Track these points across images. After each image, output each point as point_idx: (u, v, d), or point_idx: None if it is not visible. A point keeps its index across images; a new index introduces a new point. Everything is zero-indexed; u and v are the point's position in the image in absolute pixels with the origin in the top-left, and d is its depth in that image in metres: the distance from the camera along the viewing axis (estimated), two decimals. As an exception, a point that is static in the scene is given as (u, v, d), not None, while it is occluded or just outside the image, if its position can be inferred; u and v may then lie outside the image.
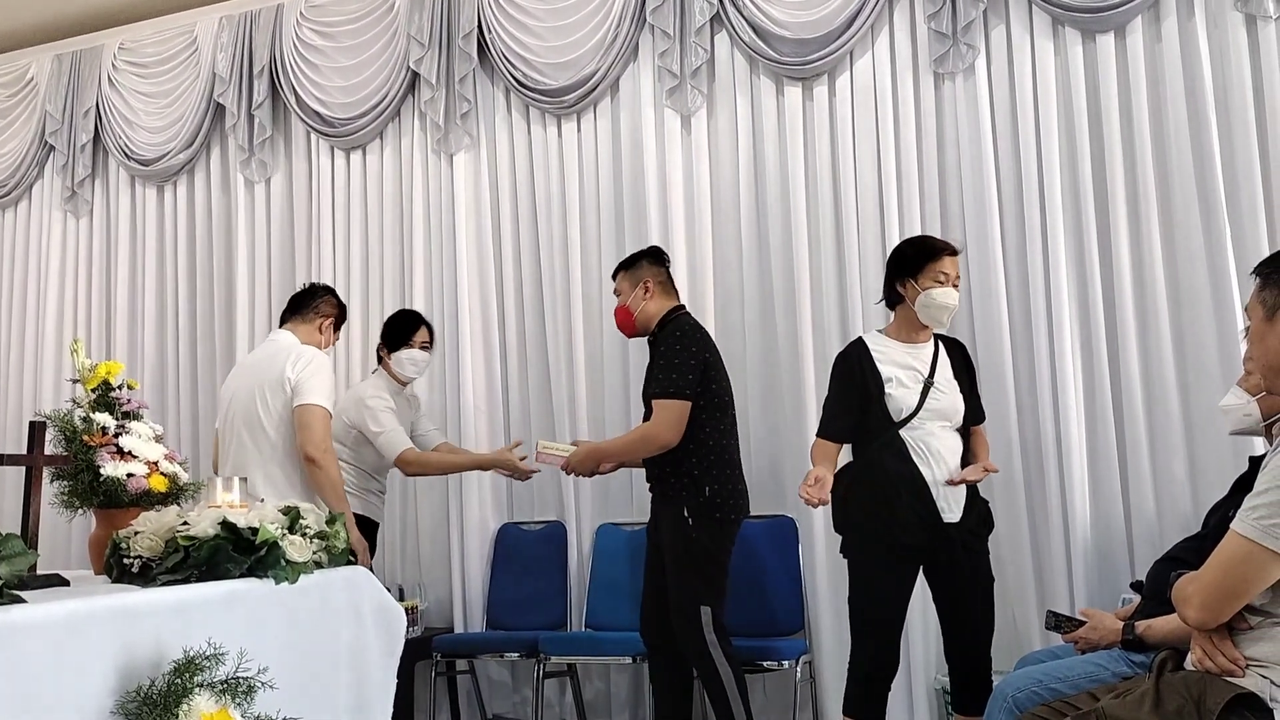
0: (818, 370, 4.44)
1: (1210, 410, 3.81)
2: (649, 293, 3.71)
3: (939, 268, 3.29)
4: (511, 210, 5.13)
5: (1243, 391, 2.75)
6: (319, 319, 4.07)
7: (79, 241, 6.05)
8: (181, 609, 2.06)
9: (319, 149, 5.51)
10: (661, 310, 3.71)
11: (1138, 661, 2.49)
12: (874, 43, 4.55)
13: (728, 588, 3.54)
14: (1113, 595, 3.89)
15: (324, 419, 3.72)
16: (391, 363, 4.37)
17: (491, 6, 5.10)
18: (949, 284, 3.29)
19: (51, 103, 6.05)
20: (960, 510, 3.23)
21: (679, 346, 3.54)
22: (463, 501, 4.95)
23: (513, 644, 4.52)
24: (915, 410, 3.25)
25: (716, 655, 3.41)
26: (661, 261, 3.79)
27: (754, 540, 4.29)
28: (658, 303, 3.72)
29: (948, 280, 3.29)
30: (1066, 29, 4.27)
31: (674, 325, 3.63)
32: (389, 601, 2.67)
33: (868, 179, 4.50)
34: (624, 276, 3.80)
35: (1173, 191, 4.10)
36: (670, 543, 3.54)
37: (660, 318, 3.69)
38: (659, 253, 3.84)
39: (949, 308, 3.30)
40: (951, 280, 3.30)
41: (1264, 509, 1.91)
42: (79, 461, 2.61)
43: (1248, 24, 4.04)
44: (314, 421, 3.70)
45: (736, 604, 3.78)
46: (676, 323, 3.65)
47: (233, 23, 5.67)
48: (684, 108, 4.80)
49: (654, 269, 3.75)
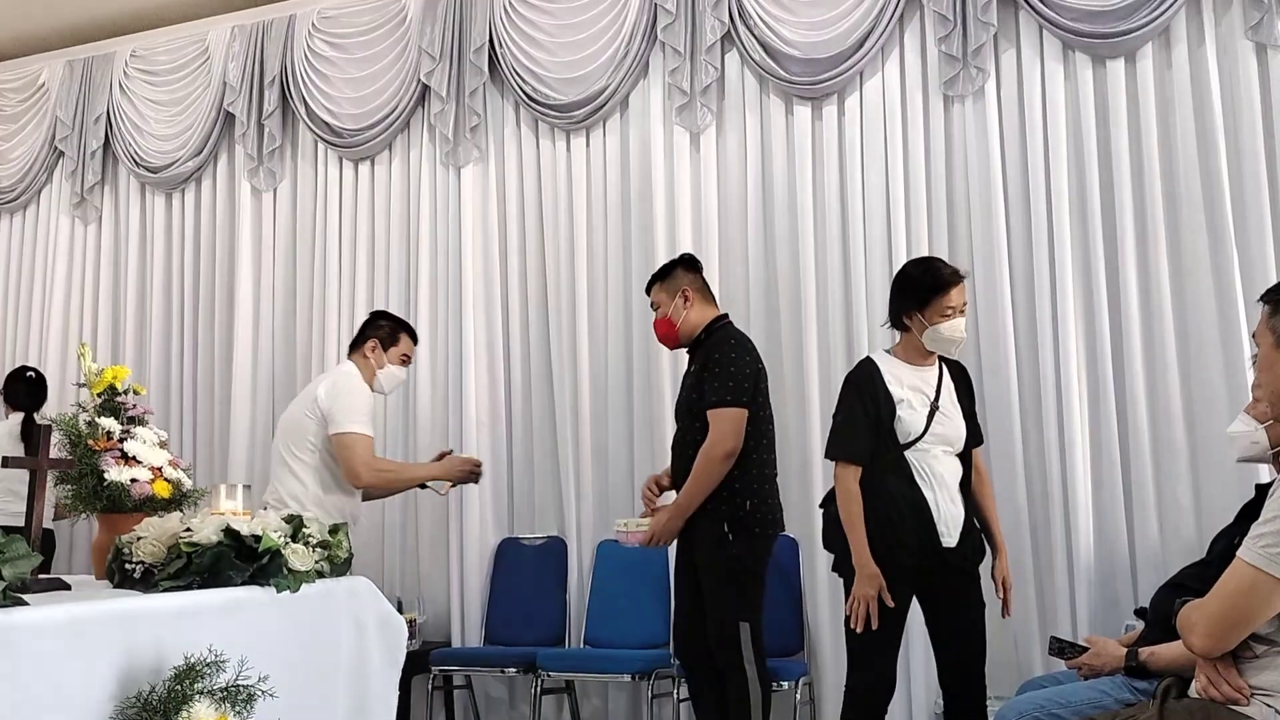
0: (822, 390, 4.44)
1: (1215, 437, 3.80)
2: (689, 301, 3.63)
3: (945, 302, 3.20)
4: (518, 224, 5.13)
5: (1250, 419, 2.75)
6: (364, 344, 4.12)
7: (87, 247, 6.06)
8: (183, 615, 2.05)
9: (328, 159, 5.53)
10: (704, 319, 3.64)
11: (1141, 689, 2.48)
12: (884, 64, 4.56)
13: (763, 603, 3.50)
14: (1116, 622, 3.88)
15: (357, 445, 3.85)
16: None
17: (503, 21, 5.12)
18: (955, 315, 3.21)
19: (62, 108, 6.07)
20: (957, 536, 3.22)
21: (734, 355, 3.49)
22: (463, 515, 4.93)
23: (511, 659, 4.49)
24: (922, 433, 3.23)
25: (750, 673, 3.38)
26: (697, 268, 3.73)
27: (755, 559, 4.27)
28: (699, 311, 3.65)
29: (954, 313, 3.21)
30: (1077, 54, 4.29)
31: (724, 333, 3.59)
32: (390, 613, 2.66)
33: (876, 200, 4.50)
34: (660, 288, 3.71)
35: (1180, 218, 4.10)
36: (708, 558, 3.48)
37: (705, 326, 3.63)
38: (693, 260, 3.76)
39: (956, 341, 3.25)
40: (959, 311, 3.22)
41: (1271, 537, 1.90)
42: (83, 466, 2.61)
43: (1258, 52, 4.06)
44: (344, 452, 3.86)
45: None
46: (727, 330, 3.61)
47: (244, 32, 5.69)
48: (693, 125, 4.81)
49: (690, 276, 3.68)
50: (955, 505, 3.23)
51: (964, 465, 3.31)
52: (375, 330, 4.15)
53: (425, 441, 5.07)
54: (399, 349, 4.15)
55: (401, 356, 4.16)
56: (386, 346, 4.12)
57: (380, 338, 4.12)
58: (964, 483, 3.29)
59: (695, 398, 3.52)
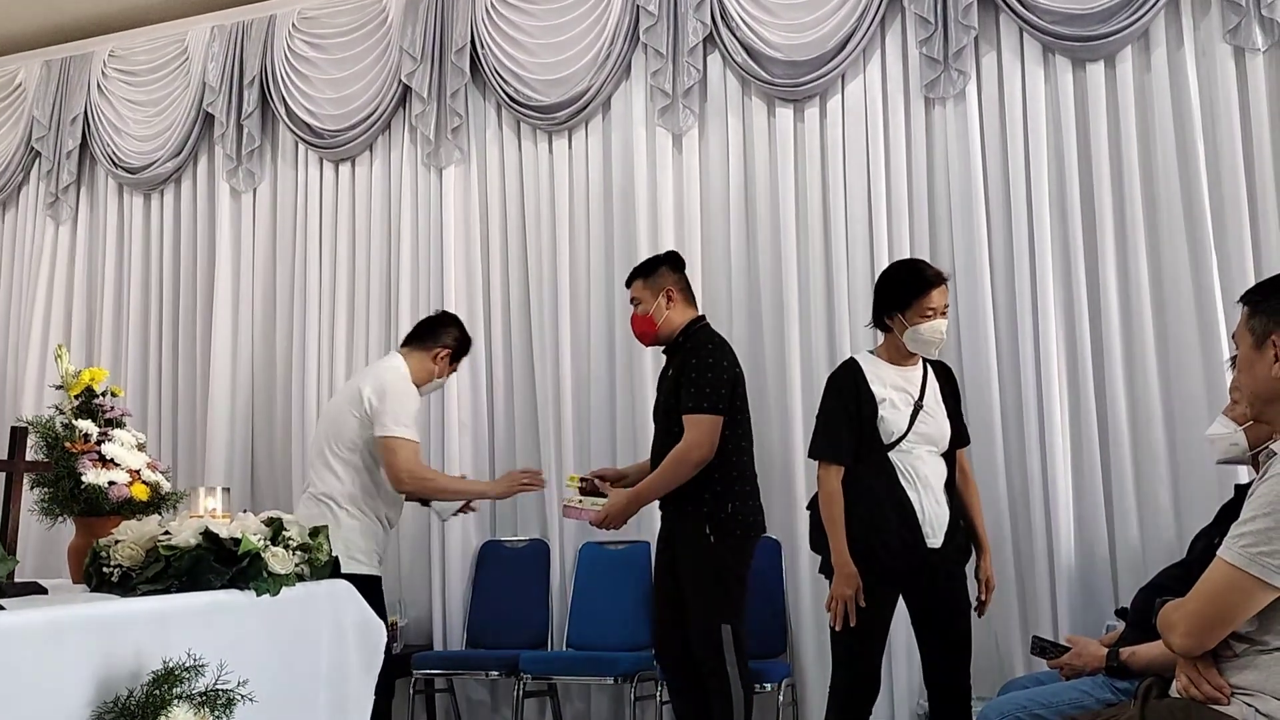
0: (804, 391, 4.44)
1: (1195, 439, 3.82)
2: (671, 301, 3.62)
3: (926, 303, 3.24)
4: (500, 226, 5.12)
5: (1229, 420, 2.76)
6: (437, 348, 3.91)
7: (62, 248, 5.99)
8: (161, 619, 2.04)
9: (308, 160, 5.50)
10: (685, 319, 3.63)
11: (1122, 688, 2.49)
12: (866, 66, 4.57)
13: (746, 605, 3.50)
14: (1096, 623, 3.89)
15: (401, 450, 3.65)
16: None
17: (485, 22, 5.10)
18: (937, 316, 3.25)
19: (39, 108, 6.01)
20: (942, 537, 3.22)
21: (711, 360, 3.47)
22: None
23: (493, 662, 4.48)
24: (905, 433, 3.24)
25: (732, 674, 3.38)
26: (681, 268, 3.71)
27: (737, 561, 4.27)
28: (680, 311, 3.64)
29: (935, 314, 3.24)
30: (1057, 57, 4.31)
31: (702, 336, 3.58)
32: (370, 616, 2.65)
33: (857, 201, 4.51)
34: (643, 285, 3.68)
35: (1160, 219, 4.13)
36: (690, 560, 3.48)
37: (684, 327, 3.62)
38: (679, 259, 3.75)
39: (936, 342, 3.28)
40: (940, 312, 3.26)
41: (1251, 536, 1.91)
42: (60, 468, 2.58)
43: (1236, 56, 4.08)
44: (390, 457, 3.66)
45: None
46: (704, 333, 3.60)
47: (224, 33, 5.65)
48: (675, 127, 4.81)
49: (675, 276, 3.67)
50: (940, 506, 3.24)
51: (949, 466, 3.32)
52: (450, 339, 3.96)
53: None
54: (460, 363, 4.06)
55: (453, 369, 4.04)
56: (456, 359, 4.00)
57: (454, 349, 3.97)
58: (949, 483, 3.30)
59: (673, 402, 3.52)
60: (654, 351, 4.62)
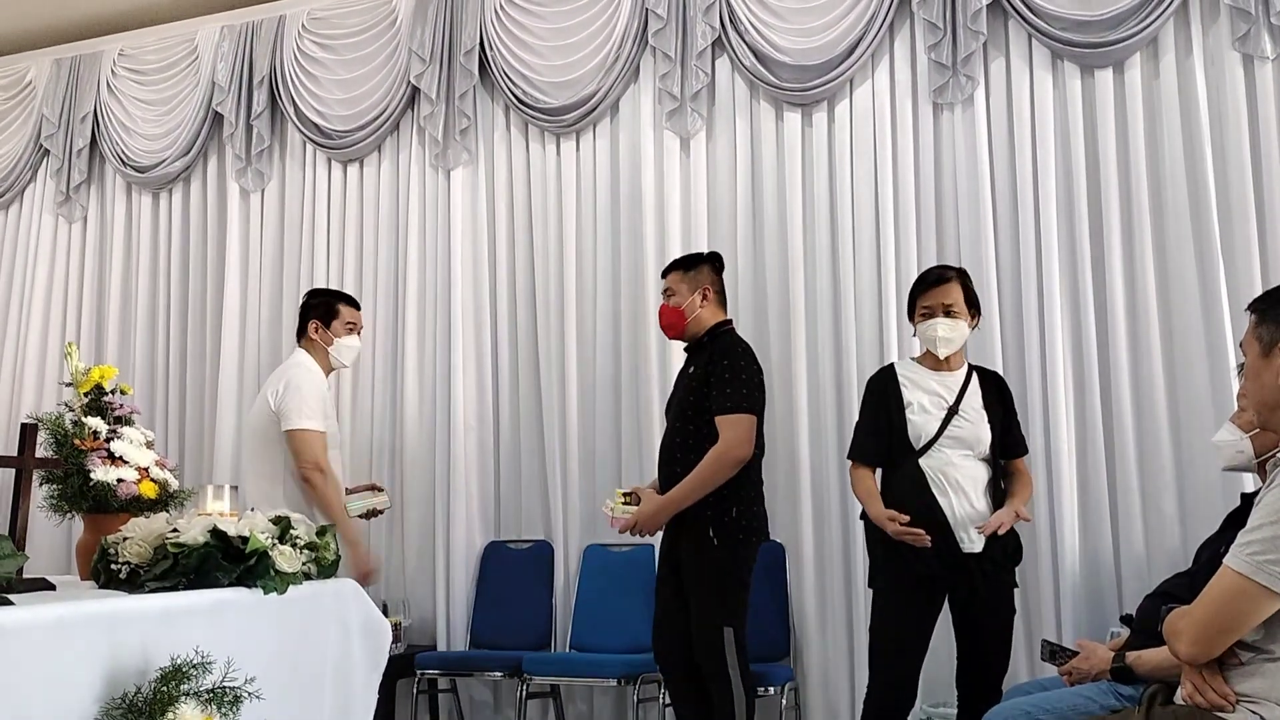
0: (810, 397, 4.45)
1: (1201, 446, 3.82)
2: (706, 300, 3.67)
3: (922, 302, 3.39)
4: (508, 227, 5.12)
5: (1236, 428, 2.77)
6: (307, 327, 4.13)
7: (71, 246, 6.02)
8: (169, 616, 2.04)
9: (316, 161, 5.51)
10: (714, 320, 3.67)
11: (1126, 695, 2.49)
12: (874, 71, 4.57)
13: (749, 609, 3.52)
14: (1101, 629, 3.89)
15: (306, 439, 3.84)
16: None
17: (494, 24, 5.11)
18: (935, 315, 3.34)
19: (49, 106, 6.03)
20: (982, 541, 3.22)
21: (743, 363, 3.53)
22: (449, 518, 4.92)
23: (496, 663, 4.49)
24: (935, 437, 3.26)
25: (734, 677, 3.40)
26: (721, 269, 3.76)
27: (742, 565, 4.27)
28: (712, 312, 3.68)
29: (932, 313, 3.35)
30: (1065, 63, 4.30)
31: (732, 340, 3.63)
32: (376, 616, 2.66)
33: (865, 206, 4.51)
34: (681, 277, 3.71)
35: (1167, 227, 4.12)
36: (692, 563, 3.50)
37: (711, 327, 3.66)
38: (720, 260, 3.80)
39: (932, 339, 3.36)
40: (939, 310, 3.34)
41: (1258, 544, 1.91)
42: (69, 465, 2.59)
43: (1245, 64, 4.08)
44: (296, 445, 3.85)
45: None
46: (733, 337, 3.65)
47: (234, 32, 5.67)
48: (683, 130, 4.81)
49: (715, 277, 3.72)
50: (976, 509, 3.25)
51: (993, 471, 3.33)
52: (311, 310, 4.16)
53: (412, 444, 5.06)
54: (341, 320, 4.14)
55: (347, 325, 4.15)
56: (328, 321, 4.12)
57: (319, 315, 4.12)
58: (993, 488, 3.31)
59: (693, 400, 3.54)
60: (660, 354, 4.64)
